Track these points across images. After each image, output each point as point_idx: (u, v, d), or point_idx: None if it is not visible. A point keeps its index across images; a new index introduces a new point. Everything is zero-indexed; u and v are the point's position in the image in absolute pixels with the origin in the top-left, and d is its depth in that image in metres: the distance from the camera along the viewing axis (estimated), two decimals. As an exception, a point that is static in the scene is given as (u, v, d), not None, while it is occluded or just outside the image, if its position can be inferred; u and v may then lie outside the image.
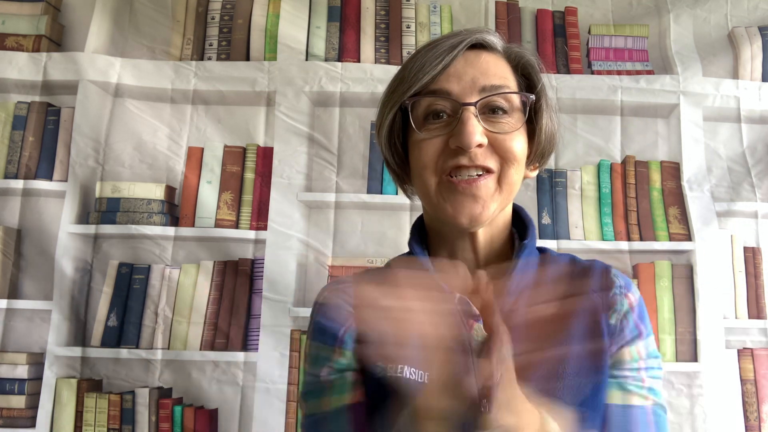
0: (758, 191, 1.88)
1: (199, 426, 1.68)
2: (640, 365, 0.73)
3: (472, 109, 0.68)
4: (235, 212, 1.85)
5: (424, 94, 0.70)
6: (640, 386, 0.72)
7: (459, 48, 0.70)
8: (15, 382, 1.70)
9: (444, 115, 0.70)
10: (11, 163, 1.85)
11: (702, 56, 1.98)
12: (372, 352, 0.70)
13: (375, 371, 0.71)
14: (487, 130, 0.69)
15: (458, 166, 0.68)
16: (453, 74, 0.70)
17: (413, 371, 0.68)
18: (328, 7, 2.01)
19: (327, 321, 0.76)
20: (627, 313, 0.74)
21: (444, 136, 0.69)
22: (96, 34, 1.94)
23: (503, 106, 0.70)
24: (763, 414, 1.73)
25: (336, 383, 0.73)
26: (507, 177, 0.71)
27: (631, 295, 0.75)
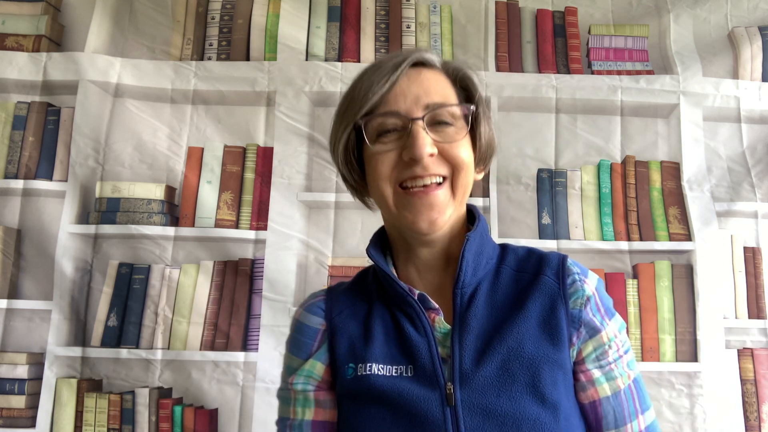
0: (758, 191, 1.88)
1: (199, 426, 1.68)
2: (617, 344, 0.77)
3: (420, 122, 0.74)
4: (235, 212, 1.85)
5: (375, 113, 0.76)
6: (621, 367, 0.77)
7: (402, 67, 0.76)
8: (15, 382, 1.70)
9: (394, 131, 0.76)
10: (11, 163, 1.85)
11: (702, 56, 1.98)
12: (343, 356, 0.77)
13: (347, 373, 0.76)
14: (435, 140, 0.74)
15: (414, 176, 0.74)
16: (399, 93, 0.76)
17: (381, 367, 0.74)
18: (328, 7, 2.01)
19: (301, 336, 0.82)
20: (589, 298, 0.77)
21: (397, 150, 0.75)
22: (96, 34, 1.94)
23: (447, 119, 0.76)
24: (763, 414, 1.73)
25: (301, 396, 0.80)
26: (459, 181, 0.76)
27: (589, 280, 0.79)
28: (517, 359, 0.71)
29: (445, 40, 2.00)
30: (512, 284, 0.79)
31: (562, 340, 0.74)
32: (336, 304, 0.82)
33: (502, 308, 0.76)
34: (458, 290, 0.76)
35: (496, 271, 0.80)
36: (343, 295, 0.84)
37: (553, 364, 0.73)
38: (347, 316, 0.80)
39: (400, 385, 0.72)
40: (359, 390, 0.74)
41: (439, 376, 0.72)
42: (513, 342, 0.72)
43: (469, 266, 0.77)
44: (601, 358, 0.76)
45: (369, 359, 0.75)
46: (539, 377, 0.71)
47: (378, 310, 0.79)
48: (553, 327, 0.74)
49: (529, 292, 0.77)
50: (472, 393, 0.70)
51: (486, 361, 0.71)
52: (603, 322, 0.77)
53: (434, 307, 0.77)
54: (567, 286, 0.77)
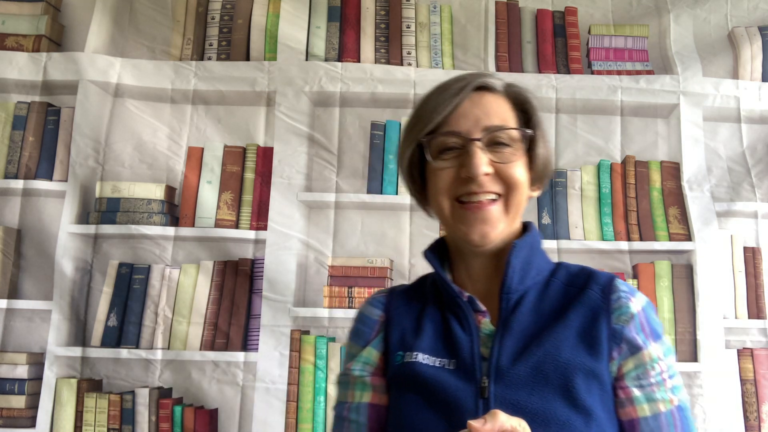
0: (758, 191, 1.88)
1: (199, 426, 1.68)
2: (662, 367, 0.78)
3: (478, 143, 0.80)
4: (235, 212, 1.85)
5: (437, 133, 0.82)
6: (664, 390, 0.78)
7: (465, 90, 0.82)
8: (15, 382, 1.70)
9: (454, 149, 0.82)
10: (11, 163, 1.85)
11: (702, 56, 1.98)
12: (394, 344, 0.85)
13: (395, 360, 0.83)
14: (491, 160, 0.80)
15: (469, 192, 0.80)
16: (461, 114, 0.82)
17: (426, 357, 0.80)
18: (328, 7, 2.01)
19: (361, 326, 0.91)
20: (634, 316, 0.79)
21: (456, 167, 0.81)
22: (96, 34, 1.94)
23: (505, 141, 0.82)
24: (763, 414, 1.73)
25: (359, 381, 0.86)
26: (512, 200, 0.82)
27: (635, 299, 0.81)
28: (552, 362, 0.75)
29: (445, 40, 2.00)
30: (559, 296, 0.83)
31: (601, 352, 0.76)
32: (394, 300, 0.91)
33: (547, 317, 0.80)
34: (504, 295, 0.81)
35: (545, 283, 0.85)
36: (403, 293, 0.92)
37: (588, 372, 0.75)
38: (403, 311, 0.88)
39: (440, 375, 0.78)
40: (404, 376, 0.81)
41: (476, 371, 0.76)
42: (550, 346, 0.76)
43: (516, 273, 0.82)
44: (641, 377, 0.78)
45: (416, 349, 0.81)
46: (572, 382, 0.74)
47: (430, 310, 0.86)
48: (592, 338, 0.77)
49: (573, 304, 0.80)
50: (506, 388, 0.74)
51: (522, 361, 0.75)
52: (646, 342, 0.78)
53: (481, 310, 0.82)
54: (612, 302, 0.80)
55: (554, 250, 1.82)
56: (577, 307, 0.80)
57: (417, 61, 1.96)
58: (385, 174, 1.87)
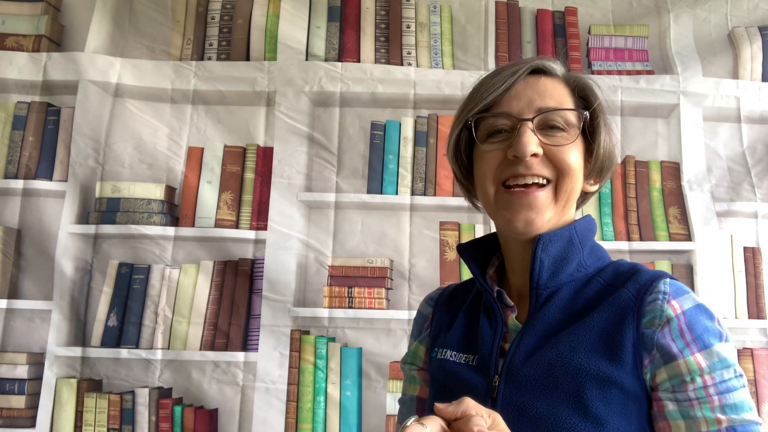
0: (758, 191, 1.88)
1: (199, 426, 1.68)
2: (706, 381, 0.67)
3: (528, 124, 0.75)
4: (235, 212, 1.85)
5: (487, 113, 0.77)
6: (708, 409, 0.67)
7: (520, 72, 0.78)
8: (15, 382, 1.70)
9: (504, 132, 0.77)
10: (11, 163, 1.85)
11: (702, 56, 1.98)
12: (433, 341, 0.87)
13: (432, 356, 0.84)
14: (542, 142, 0.75)
15: (515, 174, 0.75)
16: (513, 96, 0.77)
17: (454, 354, 0.80)
18: (328, 7, 2.01)
19: (415, 322, 0.94)
20: (670, 320, 0.69)
21: (503, 149, 0.76)
22: (96, 34, 1.94)
23: (559, 124, 0.76)
24: (763, 414, 1.73)
25: (410, 374, 0.90)
26: (563, 186, 0.76)
27: (677, 302, 0.71)
28: (563, 366, 0.69)
29: (445, 40, 1.99)
30: (594, 295, 0.75)
31: (623, 358, 0.68)
32: (443, 297, 0.91)
33: (575, 316, 0.74)
34: (533, 290, 0.76)
35: (586, 281, 0.77)
36: (452, 290, 0.92)
37: (604, 379, 0.68)
38: (444, 308, 0.89)
39: (462, 372, 0.77)
40: (435, 371, 0.82)
41: (490, 368, 0.74)
42: (564, 348, 0.70)
43: (545, 268, 0.76)
44: (677, 389, 0.68)
45: (447, 345, 0.82)
46: (584, 389, 0.67)
47: (470, 305, 0.85)
48: (615, 342, 0.69)
49: (601, 304, 0.73)
50: (514, 390, 0.71)
51: (533, 361, 0.71)
52: (685, 350, 0.68)
53: (510, 305, 0.79)
54: (644, 304, 0.71)
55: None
56: (604, 307, 0.72)
57: (417, 61, 1.96)
58: (385, 174, 1.87)
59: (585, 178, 0.80)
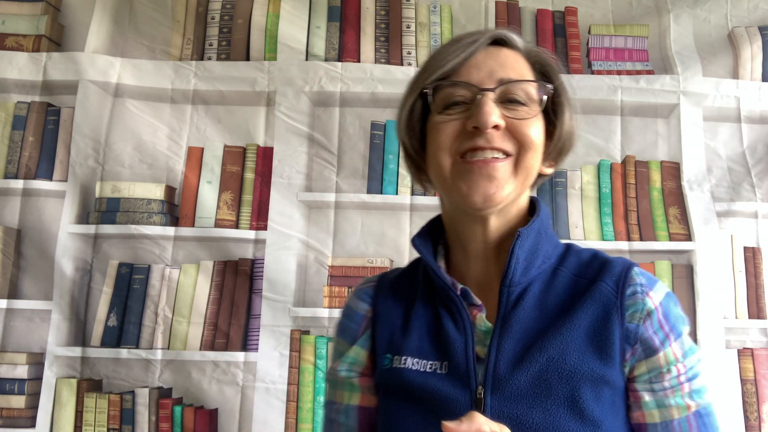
0: (758, 191, 1.88)
1: (199, 426, 1.68)
2: (680, 370, 0.70)
3: (490, 94, 0.70)
4: (235, 212, 1.85)
5: (445, 81, 0.72)
6: (680, 396, 0.70)
7: (480, 41, 0.73)
8: (15, 382, 1.70)
9: (463, 103, 0.71)
10: (11, 163, 1.85)
11: (702, 56, 1.98)
12: (382, 345, 0.76)
13: (383, 363, 0.74)
14: (504, 115, 0.70)
15: (475, 147, 0.69)
16: (473, 65, 0.72)
17: (416, 362, 0.71)
18: (328, 7, 2.01)
19: (348, 321, 0.82)
20: (651, 312, 0.70)
21: (461, 120, 0.71)
22: (96, 34, 1.94)
23: (520, 98, 0.72)
24: (763, 414, 1.73)
25: (348, 381, 0.78)
26: (523, 161, 0.71)
27: (654, 293, 0.71)
28: (556, 371, 0.66)
29: (445, 40, 1.99)
30: (568, 289, 0.73)
31: (612, 355, 0.68)
32: (383, 292, 0.80)
33: (551, 313, 0.70)
34: (505, 288, 0.71)
35: (552, 272, 0.75)
36: (392, 282, 0.82)
37: (597, 379, 0.67)
38: (391, 305, 0.78)
39: (431, 382, 0.69)
40: (392, 382, 0.73)
41: (471, 378, 0.68)
42: (554, 351, 0.67)
43: (520, 264, 0.71)
44: (654, 380, 0.69)
45: (405, 352, 0.72)
46: (579, 392, 0.65)
47: (422, 302, 0.76)
48: (603, 340, 0.68)
49: (582, 299, 0.70)
50: (503, 401, 0.66)
51: (522, 369, 0.67)
52: (665, 342, 0.69)
53: (477, 303, 0.72)
54: (626, 297, 0.70)
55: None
56: (586, 304, 0.70)
57: (417, 61, 1.96)
58: (385, 174, 1.87)
59: (543, 159, 0.76)
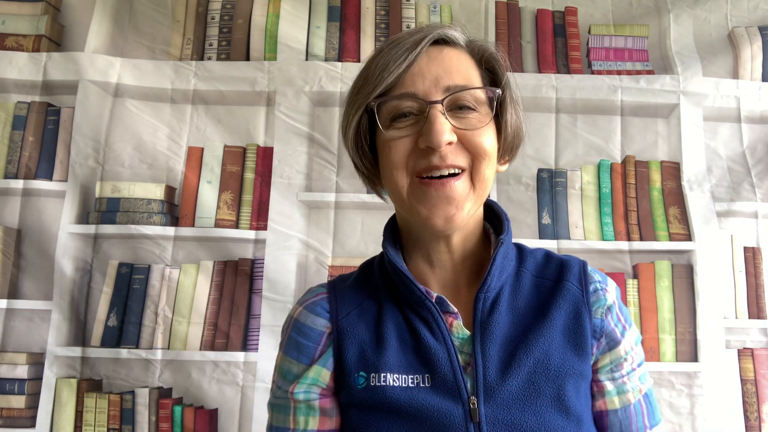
0: (758, 191, 1.88)
1: (199, 426, 1.68)
2: (633, 358, 0.75)
3: (438, 107, 0.67)
4: (235, 212, 1.85)
5: (389, 95, 0.69)
6: (633, 380, 0.75)
7: (421, 45, 0.69)
8: (15, 382, 1.70)
9: (410, 115, 0.69)
10: (11, 163, 1.85)
11: (702, 56, 1.98)
12: (353, 364, 0.71)
13: (357, 383, 0.70)
14: (455, 127, 0.68)
15: (430, 167, 0.68)
16: (417, 73, 0.69)
17: (397, 377, 0.68)
18: (328, 7, 2.01)
19: (302, 338, 0.75)
20: (610, 307, 0.74)
21: (413, 136, 0.68)
22: (96, 34, 1.94)
23: (469, 104, 0.70)
24: (763, 414, 1.73)
25: (304, 404, 0.73)
26: (479, 174, 0.69)
27: (609, 288, 0.76)
28: (543, 372, 0.68)
29: (445, 40, 1.99)
30: (533, 290, 0.74)
31: (586, 350, 0.71)
32: (342, 304, 0.75)
33: (525, 315, 0.71)
34: (482, 294, 0.71)
35: (516, 275, 0.75)
36: (349, 292, 0.77)
37: (577, 375, 0.70)
38: (355, 318, 0.73)
39: (418, 397, 0.67)
40: (372, 401, 0.69)
41: (461, 389, 0.67)
42: (539, 353, 0.68)
43: (496, 270, 0.72)
44: (615, 370, 0.74)
45: (383, 368, 0.69)
46: (564, 390, 0.68)
47: (389, 312, 0.73)
48: (578, 336, 0.71)
49: (553, 300, 0.72)
50: (497, 408, 0.66)
51: (512, 374, 0.67)
52: (623, 333, 0.74)
53: (452, 311, 0.71)
54: (590, 294, 0.73)
55: (554, 250, 1.81)
56: (558, 303, 0.72)
57: (417, 61, 1.96)
58: (385, 174, 1.87)
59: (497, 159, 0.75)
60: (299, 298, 0.80)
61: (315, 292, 0.79)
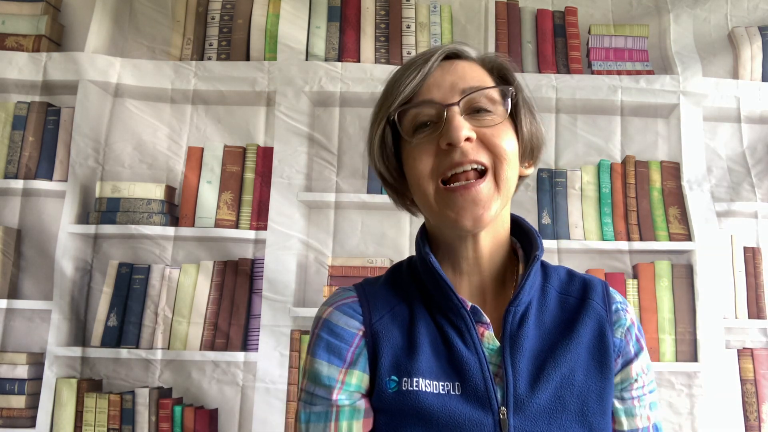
0: (758, 191, 1.88)
1: (199, 426, 1.68)
2: (645, 381, 0.76)
3: (455, 108, 0.70)
4: (235, 212, 1.85)
5: (409, 104, 0.72)
6: (643, 407, 0.76)
7: (434, 58, 0.73)
8: (15, 382, 1.70)
9: (431, 123, 0.72)
10: (11, 163, 1.85)
11: (702, 56, 1.98)
12: (386, 367, 0.71)
13: (388, 386, 0.70)
14: (473, 126, 0.71)
15: (453, 164, 0.70)
16: (432, 83, 0.73)
17: (428, 383, 0.69)
18: (328, 7, 2.01)
19: (336, 340, 0.73)
20: (630, 328, 0.76)
21: (434, 140, 0.71)
22: (96, 34, 1.94)
23: (485, 106, 0.72)
24: (763, 414, 1.73)
25: (348, 409, 0.71)
26: (501, 174, 0.71)
27: (629, 310, 0.78)
28: (568, 388, 0.70)
29: (445, 40, 2.00)
30: (558, 306, 0.76)
31: (610, 367, 0.72)
32: (375, 307, 0.75)
33: (551, 331, 0.73)
34: (512, 308, 0.72)
35: (542, 290, 0.77)
36: (380, 295, 0.77)
37: (601, 392, 0.71)
38: (388, 321, 0.74)
39: (449, 404, 0.68)
40: (403, 406, 0.69)
41: (492, 399, 0.68)
42: (566, 369, 0.70)
43: (529, 284, 0.74)
44: (625, 390, 0.75)
45: (415, 373, 0.69)
46: (588, 406, 0.70)
47: (421, 316, 0.74)
48: (602, 354, 0.73)
49: (578, 317, 0.74)
50: (525, 420, 0.67)
51: (540, 388, 0.69)
52: (638, 354, 0.76)
53: (485, 321, 0.73)
54: (612, 314, 0.76)
55: (554, 250, 1.82)
56: (584, 321, 0.74)
57: (417, 61, 1.96)
58: (385, 174, 1.87)
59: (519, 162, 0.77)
60: (326, 300, 0.80)
61: (345, 294, 0.78)
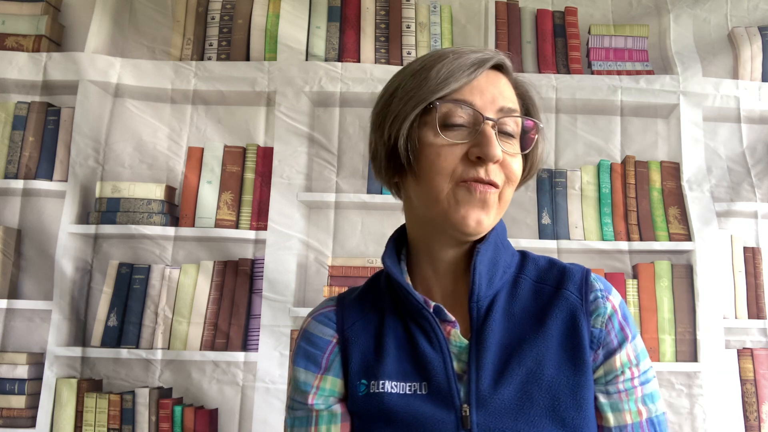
0: (758, 191, 1.88)
1: (199, 426, 1.68)
2: (633, 373, 0.73)
3: (492, 124, 0.71)
4: (235, 212, 1.85)
5: (448, 98, 0.71)
6: (633, 401, 0.72)
7: (486, 65, 0.73)
8: (15, 382, 1.70)
9: (462, 126, 0.71)
10: (11, 163, 1.85)
11: (702, 56, 1.98)
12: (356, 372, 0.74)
13: (358, 390, 0.73)
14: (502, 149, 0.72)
15: (476, 178, 0.70)
16: (476, 87, 0.72)
17: (394, 385, 0.71)
18: (328, 7, 2.01)
19: (312, 348, 0.78)
20: (611, 316, 0.73)
21: (465, 145, 0.70)
22: (96, 34, 1.94)
23: (511, 131, 0.73)
24: (762, 414, 1.73)
25: (326, 413, 0.75)
26: (505, 195, 0.73)
27: (613, 298, 0.75)
28: (536, 382, 0.68)
29: (445, 40, 2.00)
30: (531, 296, 0.75)
31: (585, 360, 0.70)
32: (348, 315, 0.78)
33: (521, 322, 0.73)
34: (473, 303, 0.72)
35: (514, 281, 0.76)
36: (355, 304, 0.80)
37: (575, 386, 0.69)
38: (360, 328, 0.77)
39: (413, 404, 0.69)
40: (371, 408, 0.71)
41: (454, 397, 0.69)
42: (532, 363, 0.69)
43: (483, 278, 0.73)
44: (609, 383, 0.72)
45: (382, 376, 0.71)
46: (559, 401, 0.68)
47: (390, 322, 0.76)
48: (575, 347, 0.71)
49: (550, 308, 0.73)
50: (489, 416, 0.67)
51: (504, 383, 0.68)
52: (622, 345, 0.73)
53: (450, 320, 0.73)
54: (589, 303, 0.73)
55: (554, 250, 1.82)
56: (555, 313, 0.72)
57: (417, 61, 1.96)
58: (385, 174, 1.87)
59: None
60: (310, 311, 0.84)
61: (324, 304, 0.83)
